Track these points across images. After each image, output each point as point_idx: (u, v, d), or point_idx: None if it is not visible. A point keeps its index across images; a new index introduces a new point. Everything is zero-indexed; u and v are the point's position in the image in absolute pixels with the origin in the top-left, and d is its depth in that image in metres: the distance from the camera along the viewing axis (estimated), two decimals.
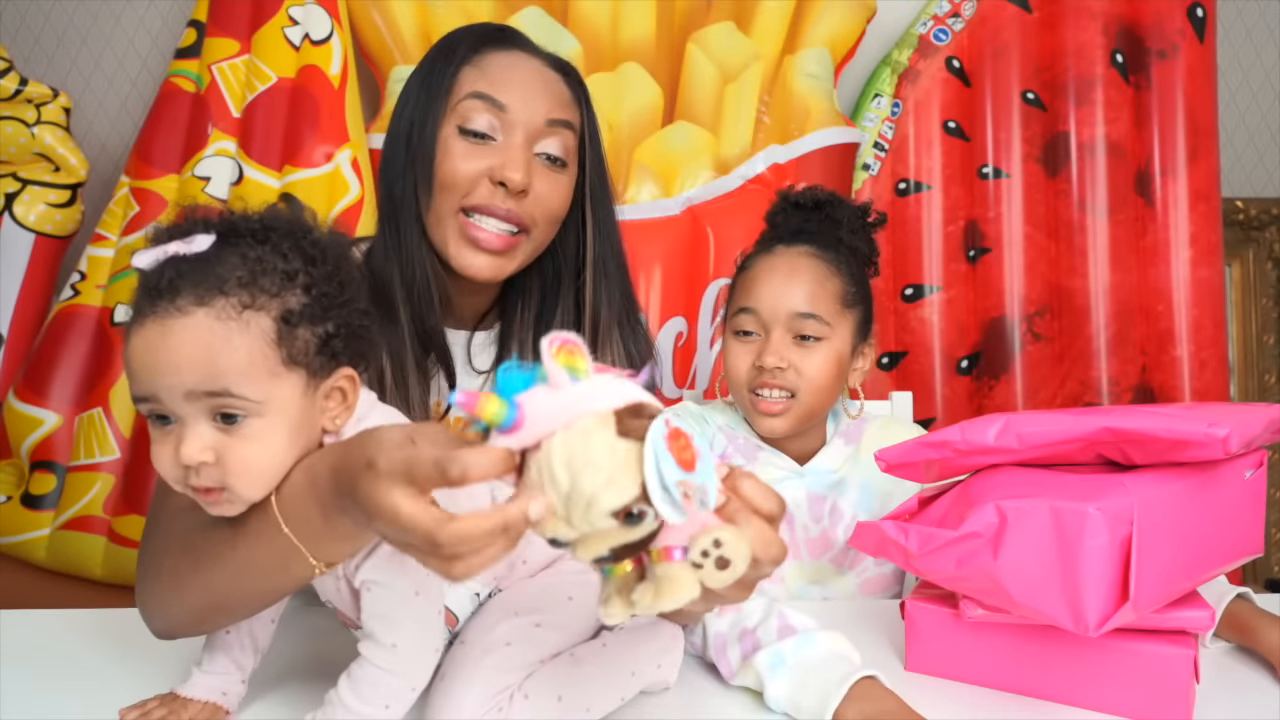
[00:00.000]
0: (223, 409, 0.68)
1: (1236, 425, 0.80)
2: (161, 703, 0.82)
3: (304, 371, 0.71)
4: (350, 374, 0.74)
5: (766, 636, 0.87)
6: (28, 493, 1.79)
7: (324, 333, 0.72)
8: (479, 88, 1.00)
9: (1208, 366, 2.08)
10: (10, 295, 1.81)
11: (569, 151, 1.04)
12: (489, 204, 0.99)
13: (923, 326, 2.09)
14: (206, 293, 0.68)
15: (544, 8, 1.92)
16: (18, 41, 2.08)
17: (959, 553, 0.83)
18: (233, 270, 0.69)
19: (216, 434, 0.68)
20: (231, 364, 0.67)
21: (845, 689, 0.80)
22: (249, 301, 0.69)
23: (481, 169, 0.99)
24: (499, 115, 0.99)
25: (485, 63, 1.02)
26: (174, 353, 0.67)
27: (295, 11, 1.83)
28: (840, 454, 1.21)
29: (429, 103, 1.00)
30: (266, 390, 0.69)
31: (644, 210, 1.94)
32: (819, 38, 2.00)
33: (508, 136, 1.00)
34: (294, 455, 0.71)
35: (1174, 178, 2.08)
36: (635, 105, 1.95)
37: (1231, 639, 0.97)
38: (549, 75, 1.04)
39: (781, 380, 1.13)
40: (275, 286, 0.70)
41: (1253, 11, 2.37)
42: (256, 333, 0.69)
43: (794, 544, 1.18)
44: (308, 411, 0.72)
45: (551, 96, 1.02)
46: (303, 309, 0.71)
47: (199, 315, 0.67)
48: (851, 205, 1.23)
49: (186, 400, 0.67)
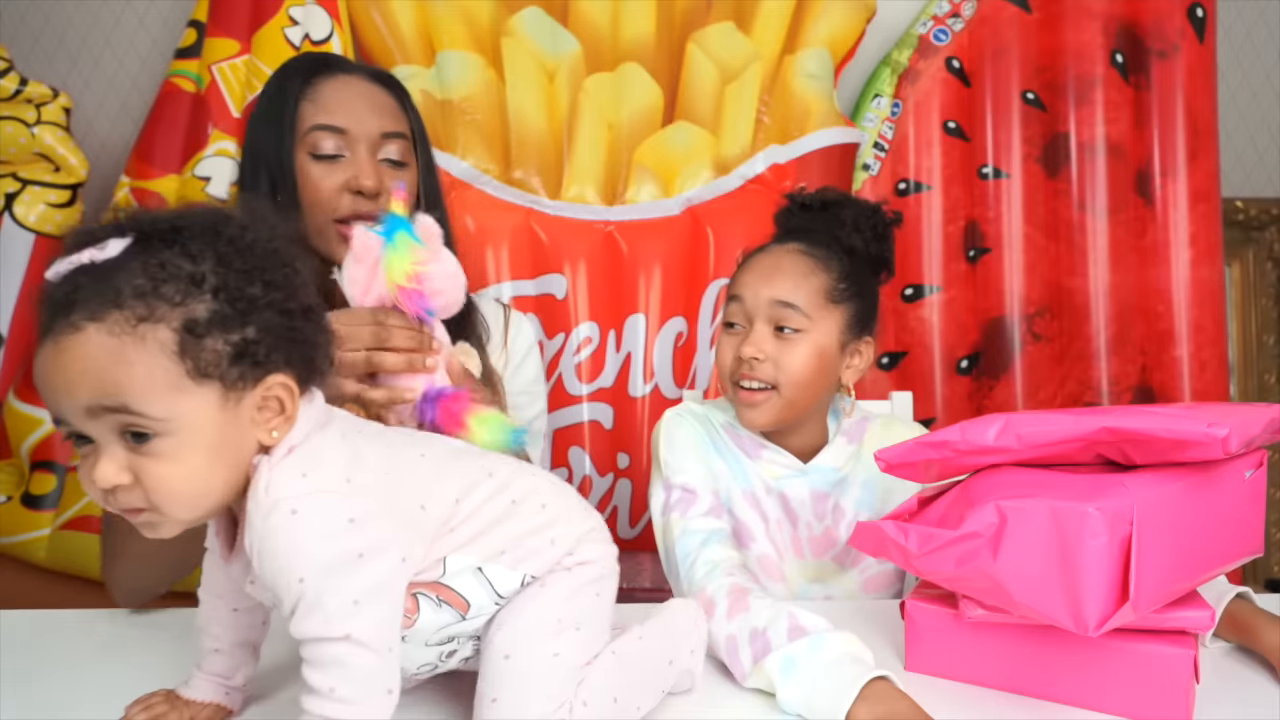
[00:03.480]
0: (129, 427, 0.64)
1: (1236, 425, 0.80)
2: (165, 698, 0.82)
3: (218, 384, 0.66)
4: (284, 382, 0.69)
5: (777, 638, 0.87)
6: (28, 493, 1.79)
7: (241, 340, 0.66)
8: (319, 120, 1.16)
9: (1208, 366, 2.08)
10: (10, 295, 1.81)
11: (406, 154, 1.21)
12: (355, 211, 1.15)
13: (922, 326, 2.09)
14: (99, 307, 0.64)
15: (544, 8, 1.92)
16: (18, 41, 2.08)
17: (959, 553, 0.83)
18: (130, 280, 0.64)
19: (129, 454, 0.65)
20: (128, 381, 0.63)
21: (857, 689, 0.80)
22: (145, 314, 0.64)
23: (339, 183, 1.16)
24: (341, 138, 1.16)
25: (318, 94, 1.18)
26: (67, 370, 0.64)
27: (295, 11, 1.83)
28: (843, 452, 1.21)
29: (279, 137, 1.16)
30: (171, 407, 0.64)
31: (644, 210, 1.94)
32: (819, 38, 2.00)
33: (353, 152, 1.17)
34: (220, 475, 0.67)
35: (1174, 178, 2.08)
36: (635, 105, 1.95)
37: (1231, 639, 0.97)
38: (374, 91, 1.21)
39: (760, 372, 1.13)
40: (179, 294, 0.65)
41: (1253, 11, 2.37)
42: (154, 347, 0.64)
43: (797, 542, 1.18)
44: (230, 427, 0.67)
45: (382, 111, 1.20)
46: (212, 316, 0.65)
47: (90, 331, 0.63)
48: (860, 206, 1.22)
49: (89, 418, 0.64)
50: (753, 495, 1.18)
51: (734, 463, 1.19)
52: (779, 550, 1.18)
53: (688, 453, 1.16)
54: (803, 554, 1.18)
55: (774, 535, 1.18)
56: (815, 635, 0.86)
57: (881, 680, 0.82)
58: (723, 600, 0.95)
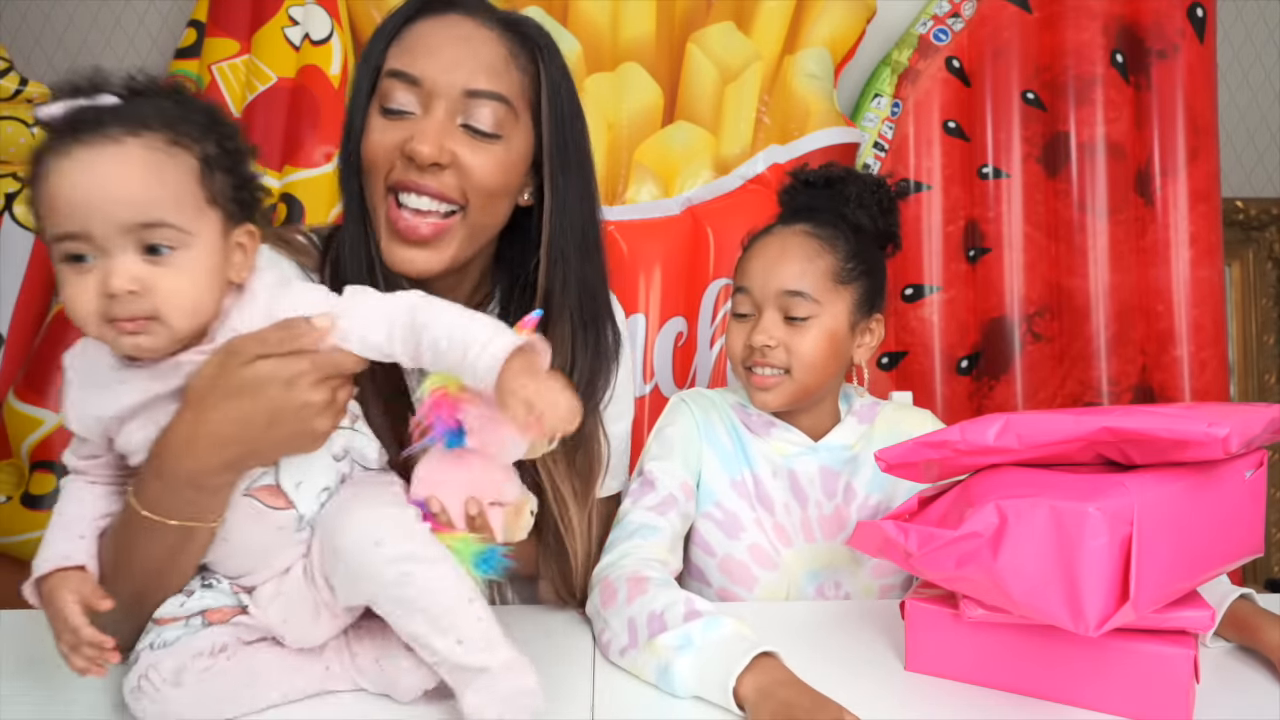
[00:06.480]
0: (153, 240, 0.71)
1: (1236, 425, 0.80)
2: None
3: (221, 213, 0.75)
4: (250, 229, 0.78)
5: (674, 619, 0.91)
6: (28, 493, 1.78)
7: (235, 181, 0.77)
8: (397, 64, 0.96)
9: (1208, 366, 2.08)
10: (10, 295, 1.80)
11: (501, 123, 0.96)
12: (407, 178, 0.94)
13: (923, 326, 2.09)
14: (137, 125, 0.71)
15: (544, 8, 1.92)
16: (18, 41, 2.08)
17: (959, 553, 0.83)
18: (155, 113, 0.72)
19: (144, 265, 0.71)
20: (163, 193, 0.71)
21: (747, 660, 0.85)
22: (173, 139, 0.73)
23: (394, 143, 0.94)
24: (414, 90, 0.95)
25: (410, 35, 0.97)
26: (109, 179, 0.69)
27: (295, 11, 1.83)
28: (854, 432, 1.21)
29: (359, 92, 0.99)
30: (194, 223, 0.73)
31: (644, 210, 1.94)
32: (819, 38, 2.00)
33: (426, 110, 0.95)
34: (212, 296, 0.75)
35: (1174, 178, 2.08)
36: (635, 105, 1.95)
37: (1233, 638, 0.97)
38: (483, 37, 0.97)
39: (772, 359, 1.13)
40: (196, 132, 0.74)
41: (1253, 11, 2.37)
42: (184, 167, 0.73)
43: (807, 524, 1.18)
44: (222, 255, 0.76)
45: (476, 63, 0.95)
46: (218, 155, 0.75)
47: (131, 145, 0.70)
48: (865, 180, 1.22)
49: (121, 233, 0.70)
50: (744, 484, 1.17)
51: (739, 444, 1.19)
52: (779, 536, 1.17)
53: (671, 443, 1.17)
54: (813, 536, 1.17)
55: (780, 519, 1.17)
56: (710, 617, 0.90)
57: (768, 655, 0.86)
58: (623, 587, 0.98)
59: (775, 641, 0.88)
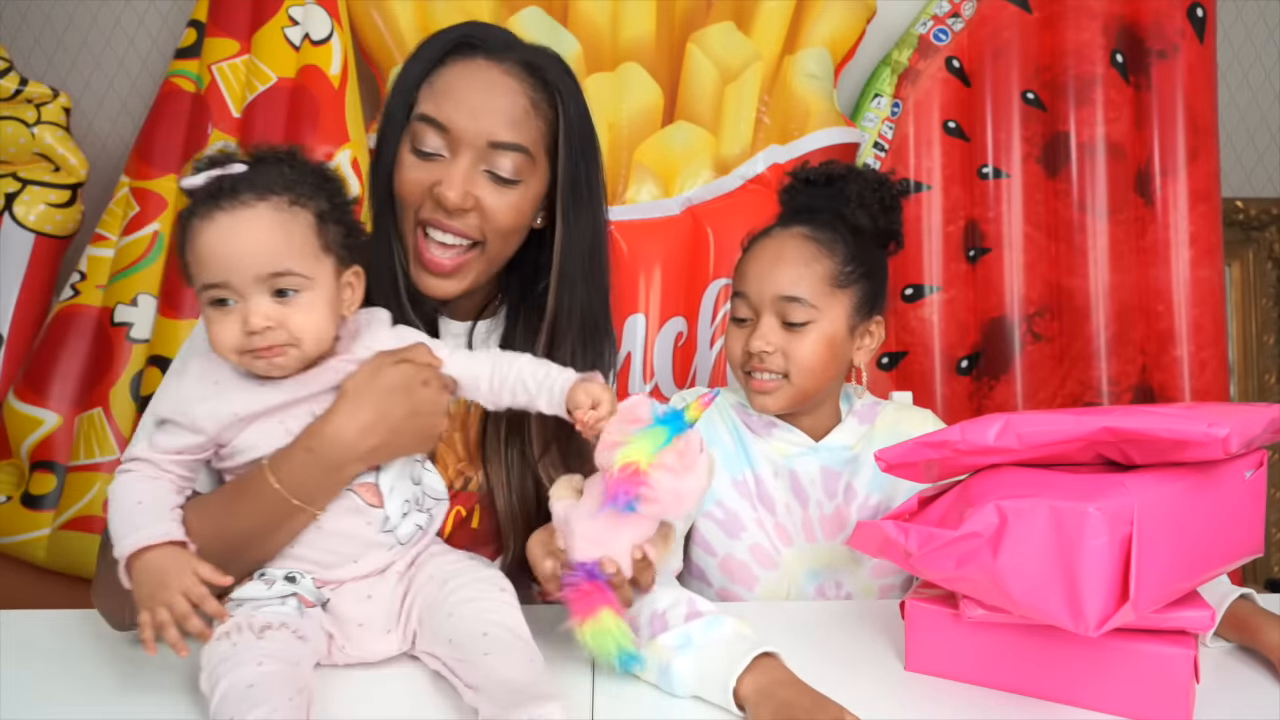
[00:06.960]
0: (281, 285, 0.86)
1: (1236, 425, 0.80)
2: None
3: (334, 259, 0.90)
4: (358, 270, 0.93)
5: (675, 619, 0.92)
6: (28, 493, 1.79)
7: (343, 230, 0.91)
8: (427, 110, 1.04)
9: (1208, 366, 2.08)
10: (10, 295, 1.80)
11: (520, 170, 1.04)
12: (435, 217, 1.04)
13: (923, 326, 2.09)
14: (265, 191, 0.87)
15: (544, 8, 1.92)
16: (18, 41, 2.08)
17: (959, 553, 0.83)
18: (277, 179, 0.88)
19: (275, 306, 0.86)
20: (288, 246, 0.86)
21: (748, 661, 0.85)
22: (294, 200, 0.88)
23: (427, 184, 1.04)
24: (444, 136, 1.03)
25: (440, 80, 1.05)
26: (245, 237, 0.85)
27: (295, 11, 1.83)
28: (855, 432, 1.21)
29: (392, 122, 1.08)
30: (314, 269, 0.88)
31: (644, 210, 1.94)
32: (819, 38, 2.00)
33: (454, 155, 1.03)
34: (330, 327, 0.90)
35: (1174, 178, 2.08)
36: (635, 105, 1.95)
37: (1233, 638, 0.97)
38: (505, 86, 1.04)
39: (770, 364, 1.14)
40: (310, 191, 0.89)
41: (1253, 11, 2.37)
42: (303, 222, 0.88)
43: (808, 524, 1.18)
44: (336, 293, 0.91)
45: (499, 117, 1.03)
46: (329, 210, 0.90)
47: (261, 208, 0.86)
48: (866, 179, 1.21)
49: (255, 281, 0.85)
50: (746, 484, 1.17)
51: (740, 444, 1.19)
52: (780, 536, 1.17)
53: None
54: (814, 536, 1.17)
55: (781, 519, 1.17)
56: (710, 617, 0.91)
57: (769, 655, 0.87)
58: None
59: (775, 641, 0.88)
